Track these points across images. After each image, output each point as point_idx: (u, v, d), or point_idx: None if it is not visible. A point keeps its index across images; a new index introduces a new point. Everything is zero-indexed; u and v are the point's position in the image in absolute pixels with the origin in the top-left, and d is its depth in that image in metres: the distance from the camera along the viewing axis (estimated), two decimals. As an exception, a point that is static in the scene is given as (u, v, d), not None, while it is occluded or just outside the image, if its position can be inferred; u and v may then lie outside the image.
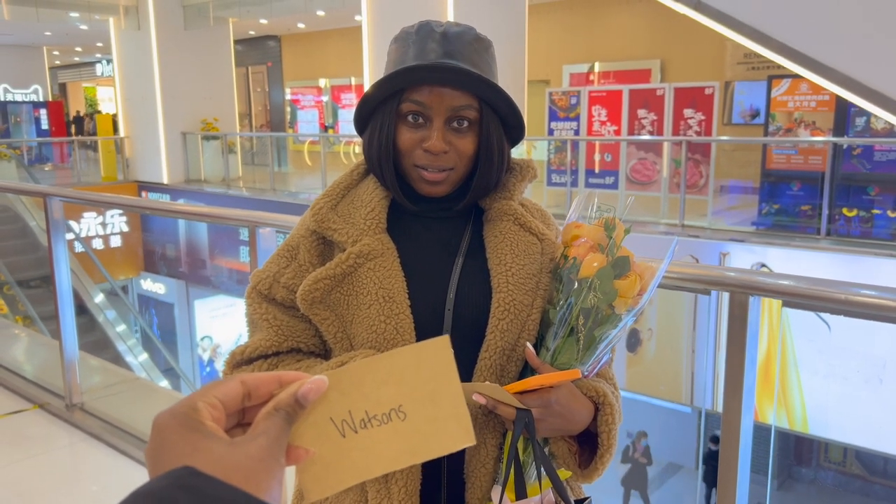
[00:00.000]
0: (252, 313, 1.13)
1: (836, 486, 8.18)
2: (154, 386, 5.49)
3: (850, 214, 7.12)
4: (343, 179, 1.13)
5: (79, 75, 24.25)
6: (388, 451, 0.58)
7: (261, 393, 0.55)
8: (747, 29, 6.23)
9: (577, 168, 9.09)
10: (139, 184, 13.41)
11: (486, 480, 1.03)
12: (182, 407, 0.51)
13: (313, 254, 1.09)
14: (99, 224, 12.50)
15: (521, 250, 1.07)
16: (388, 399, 0.59)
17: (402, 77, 1.01)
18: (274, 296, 1.11)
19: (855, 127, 7.28)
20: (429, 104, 1.02)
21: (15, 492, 2.78)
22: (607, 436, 1.03)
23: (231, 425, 0.55)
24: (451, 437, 0.60)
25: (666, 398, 7.84)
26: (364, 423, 0.58)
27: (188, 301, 12.34)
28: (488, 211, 1.12)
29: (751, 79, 10.57)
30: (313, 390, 0.55)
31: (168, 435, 0.50)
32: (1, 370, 3.91)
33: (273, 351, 1.09)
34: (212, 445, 0.49)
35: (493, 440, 1.03)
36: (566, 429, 1.02)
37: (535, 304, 1.05)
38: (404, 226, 1.10)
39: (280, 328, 1.09)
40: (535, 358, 1.00)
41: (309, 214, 1.10)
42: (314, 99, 16.81)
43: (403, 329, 1.01)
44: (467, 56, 1.02)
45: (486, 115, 1.04)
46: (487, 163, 1.06)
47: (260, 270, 1.14)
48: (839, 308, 1.44)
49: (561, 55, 12.44)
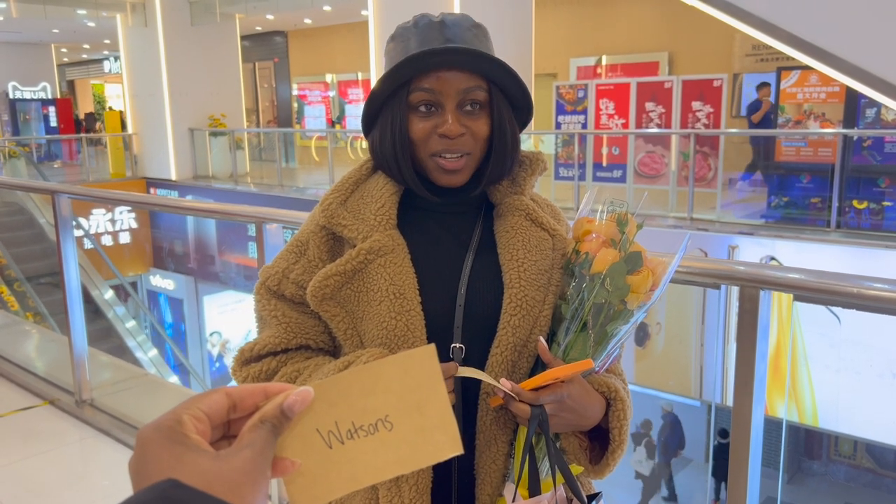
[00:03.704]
0: (261, 310, 1.12)
1: (846, 479, 8.15)
2: (164, 382, 5.51)
3: (860, 207, 7.07)
4: (352, 174, 1.12)
5: (87, 72, 24.33)
6: (375, 461, 0.57)
7: (246, 405, 0.55)
8: (756, 20, 6.18)
9: (585, 162, 9.06)
10: (147, 180, 13.46)
11: (497, 477, 1.02)
12: (166, 420, 0.51)
13: (323, 249, 1.08)
14: (108, 221, 12.55)
15: (532, 246, 1.07)
16: (375, 409, 0.58)
17: (409, 66, 1.00)
18: (283, 292, 1.10)
19: (865, 118, 7.22)
20: (438, 90, 1.01)
21: (25, 487, 2.79)
22: (619, 431, 1.03)
23: (217, 438, 0.54)
24: (438, 446, 0.59)
25: (675, 392, 7.82)
26: (351, 433, 0.57)
27: (197, 297, 12.38)
28: (499, 206, 1.11)
29: (759, 71, 10.50)
30: (299, 402, 0.55)
31: (152, 448, 0.49)
32: (11, 366, 3.94)
33: (282, 348, 1.09)
34: (196, 458, 0.49)
35: (504, 436, 1.03)
36: (578, 424, 1.01)
37: (546, 300, 1.04)
38: (415, 221, 1.09)
39: (289, 325, 1.09)
40: (548, 353, 0.99)
41: (318, 210, 1.09)
42: (321, 94, 16.81)
43: (414, 326, 1.01)
44: (469, 41, 1.02)
45: (496, 96, 1.04)
46: (501, 144, 1.05)
47: (269, 266, 1.12)
48: (851, 302, 1.42)
49: (568, 48, 12.39)
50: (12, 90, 17.54)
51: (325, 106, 16.75)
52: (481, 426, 1.03)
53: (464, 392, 1.02)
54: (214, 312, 12.01)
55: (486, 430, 1.02)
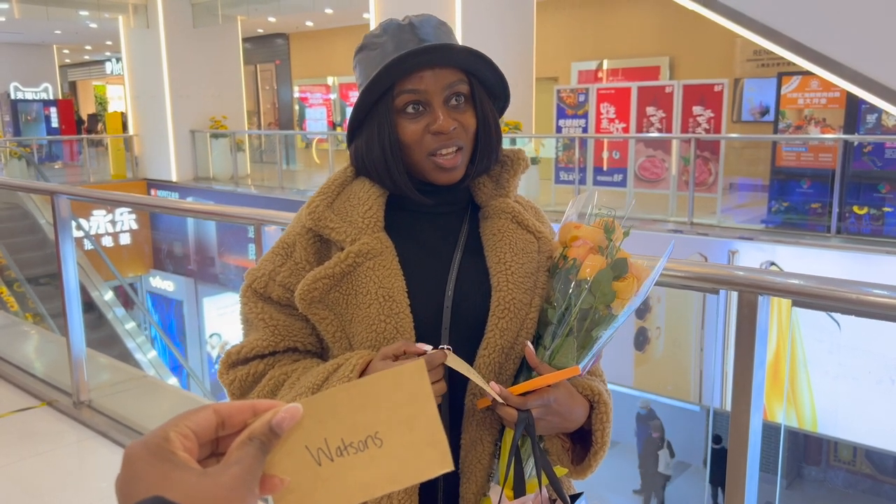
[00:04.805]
0: (248, 312, 1.11)
1: (845, 485, 8.13)
2: (162, 383, 5.50)
3: (860, 212, 7.06)
4: (338, 177, 1.12)
5: (88, 73, 24.36)
6: (364, 478, 0.57)
7: (234, 422, 0.54)
8: (757, 25, 6.19)
9: (586, 166, 9.06)
10: (148, 181, 13.47)
11: (482, 476, 1.04)
12: (153, 437, 0.50)
13: (309, 252, 1.08)
14: (108, 222, 12.55)
15: (519, 249, 1.08)
16: (364, 425, 0.58)
17: (394, 70, 1.00)
18: (270, 294, 1.09)
19: (866, 124, 7.22)
20: (424, 89, 1.02)
21: (22, 489, 2.79)
22: (601, 433, 1.06)
23: (205, 455, 0.54)
24: (428, 463, 0.58)
25: (674, 396, 7.82)
26: (340, 450, 0.57)
27: (197, 298, 12.38)
28: (485, 208, 1.13)
29: (760, 76, 10.51)
30: (287, 418, 0.54)
31: (139, 465, 0.49)
32: (10, 367, 3.93)
33: (270, 351, 1.09)
34: (183, 475, 0.49)
35: (490, 437, 1.04)
36: (563, 427, 1.04)
37: (532, 303, 1.06)
38: (401, 223, 1.10)
39: (277, 328, 1.09)
40: (535, 357, 1.01)
41: (305, 212, 1.09)
42: (322, 97, 16.82)
43: (404, 328, 1.01)
44: (441, 38, 1.04)
45: (477, 88, 1.06)
46: (487, 135, 1.07)
47: (255, 268, 1.12)
48: (851, 308, 1.42)
49: (569, 52, 12.40)
50: (14, 91, 17.57)
51: (327, 108, 16.76)
52: (467, 426, 1.04)
53: (450, 390, 1.02)
54: (214, 314, 12.01)
55: (471, 430, 1.04)
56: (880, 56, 5.84)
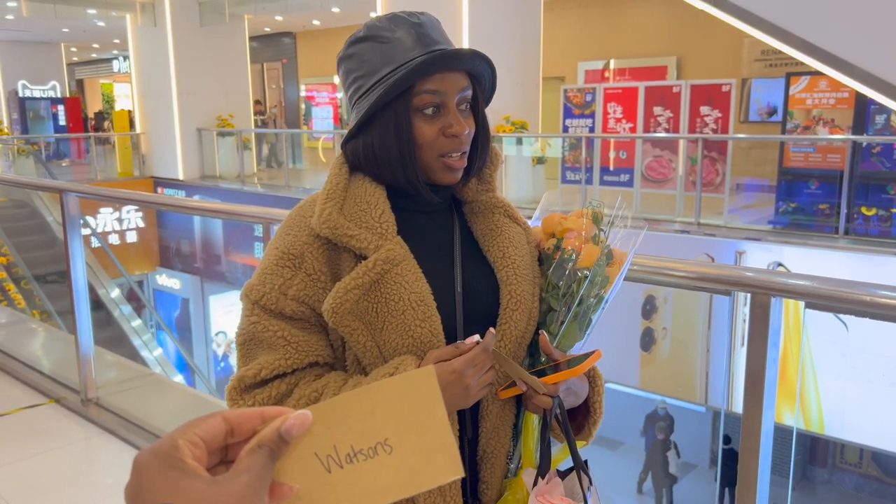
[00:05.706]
0: (261, 332, 1.05)
1: (852, 487, 8.10)
2: (169, 381, 5.51)
3: (868, 213, 7.03)
4: (339, 180, 1.08)
5: (96, 72, 24.42)
6: (374, 485, 0.56)
7: (244, 429, 0.54)
8: (767, 25, 6.16)
9: (592, 165, 9.04)
10: (155, 179, 13.50)
11: (503, 461, 1.10)
12: (162, 445, 0.50)
13: (321, 261, 1.04)
14: (115, 220, 12.58)
15: (516, 242, 1.13)
16: (374, 432, 0.57)
17: (427, 67, 1.00)
18: (282, 310, 1.04)
19: (875, 125, 7.18)
20: (444, 90, 1.02)
21: (30, 485, 2.80)
22: (599, 405, 1.16)
23: (214, 463, 0.54)
24: (438, 469, 0.58)
25: (681, 397, 7.79)
26: (350, 457, 0.56)
27: (203, 296, 12.40)
28: (474, 203, 1.14)
29: (768, 76, 10.47)
30: (297, 426, 0.54)
31: (148, 474, 0.49)
32: (18, 365, 3.94)
33: (292, 369, 1.04)
34: (192, 483, 0.49)
35: (508, 423, 1.10)
36: (574, 404, 1.12)
37: (534, 293, 1.11)
38: (401, 223, 1.08)
39: (298, 345, 1.04)
40: (549, 345, 1.07)
41: (316, 220, 1.04)
42: (329, 96, 16.84)
43: (436, 331, 1.02)
44: (445, 39, 1.07)
45: (478, 93, 1.08)
46: (485, 139, 1.11)
47: (257, 283, 1.06)
48: (863, 310, 1.41)
49: (576, 52, 12.38)
50: (22, 89, 17.62)
51: (333, 107, 16.78)
52: (486, 414, 1.08)
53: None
54: (220, 312, 12.03)
55: (491, 418, 1.08)
56: (891, 56, 5.81)
